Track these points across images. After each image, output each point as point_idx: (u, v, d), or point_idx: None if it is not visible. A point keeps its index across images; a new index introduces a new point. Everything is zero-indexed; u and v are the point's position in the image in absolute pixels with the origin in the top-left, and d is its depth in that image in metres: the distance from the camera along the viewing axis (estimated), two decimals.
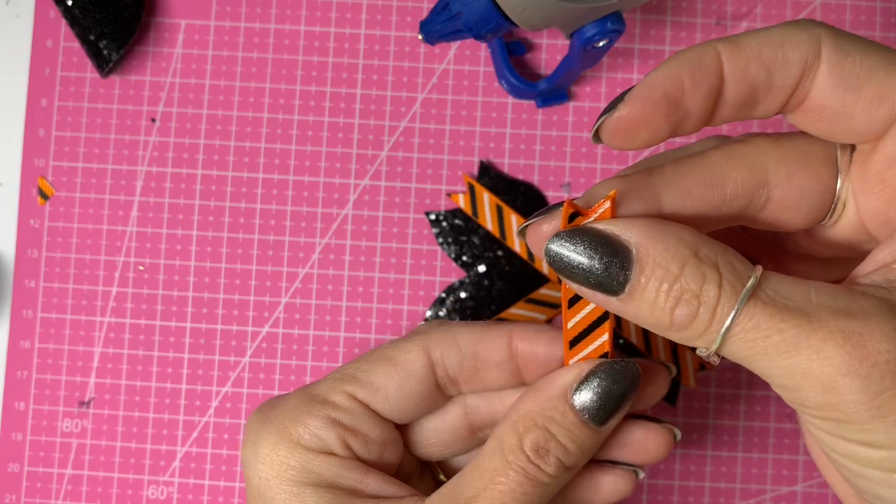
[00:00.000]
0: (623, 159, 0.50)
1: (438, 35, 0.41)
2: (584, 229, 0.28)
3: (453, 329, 0.35)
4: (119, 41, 0.49)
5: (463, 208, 0.49)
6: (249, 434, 0.35)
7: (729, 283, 0.27)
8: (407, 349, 0.35)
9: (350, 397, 0.35)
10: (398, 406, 0.35)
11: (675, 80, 0.28)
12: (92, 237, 0.50)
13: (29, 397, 0.50)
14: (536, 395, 0.32)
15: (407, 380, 0.35)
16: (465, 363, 0.35)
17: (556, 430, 0.31)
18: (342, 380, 0.35)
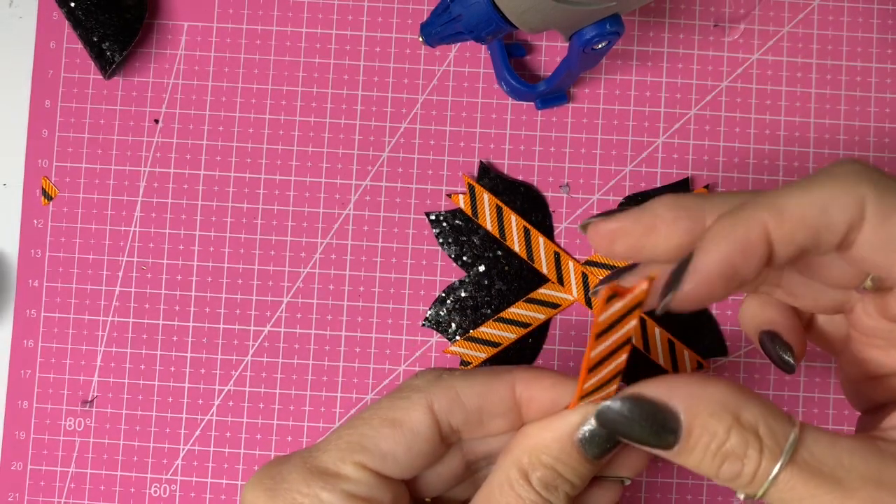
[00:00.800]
0: (622, 161, 0.50)
1: (439, 37, 0.41)
2: (635, 399, 0.30)
3: (454, 383, 0.34)
4: (122, 43, 0.49)
5: (463, 209, 0.50)
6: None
7: (769, 449, 0.29)
8: (411, 409, 0.34)
9: (360, 467, 0.33)
10: (407, 466, 0.34)
11: (728, 262, 0.29)
12: (95, 237, 0.50)
13: (32, 396, 0.50)
14: (543, 433, 0.33)
15: (414, 441, 0.34)
16: (470, 417, 0.34)
17: (563, 469, 0.32)
18: (349, 449, 0.34)
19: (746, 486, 0.29)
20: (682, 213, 0.31)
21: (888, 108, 0.50)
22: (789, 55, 0.51)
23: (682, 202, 0.31)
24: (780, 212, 0.29)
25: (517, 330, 0.49)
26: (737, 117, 0.50)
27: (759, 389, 0.49)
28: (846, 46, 0.51)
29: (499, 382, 0.34)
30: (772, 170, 0.50)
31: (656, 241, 0.31)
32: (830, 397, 0.49)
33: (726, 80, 0.51)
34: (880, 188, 0.29)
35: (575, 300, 0.49)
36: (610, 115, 0.50)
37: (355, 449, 0.34)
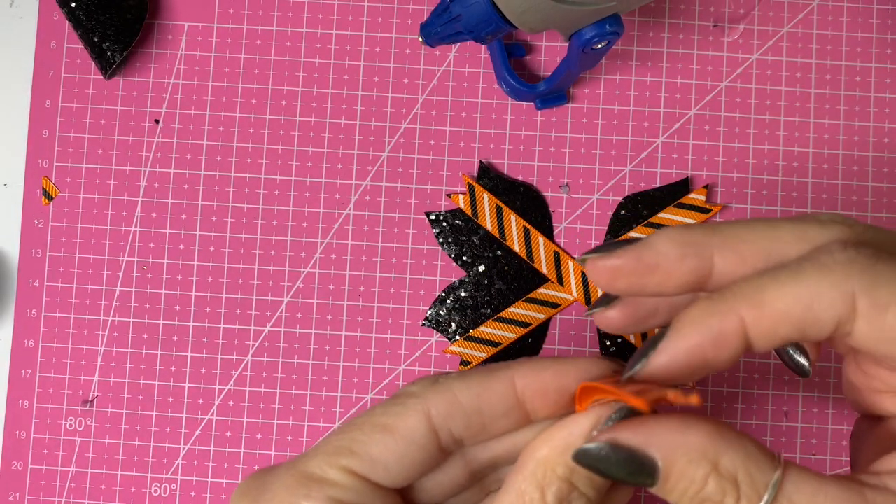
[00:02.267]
0: (622, 161, 0.50)
1: (439, 37, 0.41)
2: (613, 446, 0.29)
3: (451, 387, 0.32)
4: (122, 43, 0.49)
5: (463, 208, 0.50)
6: None
7: (746, 497, 0.28)
8: (406, 415, 0.32)
9: (348, 472, 0.32)
10: (399, 475, 0.32)
11: (696, 352, 0.28)
12: (95, 237, 0.50)
13: (33, 396, 0.50)
14: (554, 441, 0.31)
15: (408, 449, 0.32)
16: (471, 421, 0.32)
17: (578, 480, 0.31)
18: (337, 454, 0.32)
19: None
20: (689, 251, 0.30)
21: (888, 108, 0.50)
22: (789, 55, 0.51)
23: (687, 238, 0.30)
24: (759, 306, 0.28)
25: (517, 330, 0.49)
26: (736, 117, 0.50)
27: (758, 390, 0.49)
28: (846, 46, 0.51)
29: (497, 380, 0.32)
30: (771, 170, 0.50)
31: (660, 281, 0.30)
32: (830, 397, 0.49)
33: (726, 80, 0.51)
34: (872, 279, 0.27)
35: (575, 300, 0.49)
36: (610, 115, 0.50)
37: (343, 453, 0.32)
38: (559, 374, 0.32)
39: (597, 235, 0.50)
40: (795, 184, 0.50)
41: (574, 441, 0.30)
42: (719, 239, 0.30)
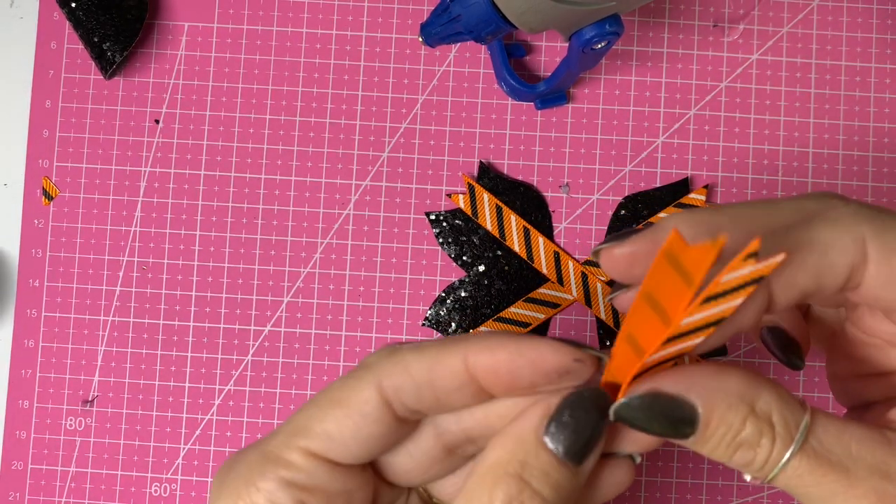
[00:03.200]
0: (622, 161, 0.50)
1: (439, 37, 0.41)
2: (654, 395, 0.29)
3: (404, 358, 0.31)
4: (122, 43, 0.49)
5: (463, 208, 0.50)
6: (210, 497, 0.32)
7: (780, 437, 0.29)
8: (359, 388, 0.31)
9: (305, 452, 0.31)
10: (358, 450, 0.31)
11: None
12: (95, 237, 0.50)
13: (33, 396, 0.50)
14: (505, 440, 0.30)
15: (363, 422, 0.31)
16: (423, 394, 0.31)
17: (531, 476, 0.29)
18: (295, 433, 0.31)
19: (757, 471, 0.29)
20: (701, 230, 0.29)
21: (887, 108, 0.50)
22: (789, 55, 0.51)
23: (699, 218, 0.30)
24: None
25: (517, 330, 0.49)
26: (736, 117, 0.50)
27: None
28: (845, 46, 0.51)
29: (449, 354, 0.30)
30: (771, 170, 0.50)
31: None
32: (830, 397, 0.49)
33: (726, 81, 0.51)
34: (879, 226, 0.29)
35: (574, 300, 0.49)
36: (609, 115, 0.50)
37: (301, 433, 0.31)
38: (513, 356, 0.30)
39: (597, 235, 0.50)
40: (795, 184, 0.50)
41: (526, 434, 0.29)
42: (726, 218, 0.30)
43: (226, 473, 0.32)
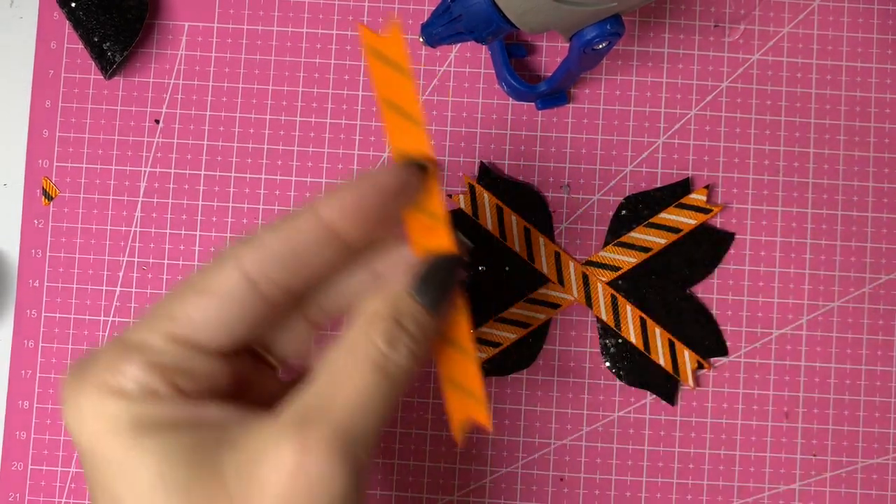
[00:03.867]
0: (622, 161, 0.50)
1: (439, 38, 0.41)
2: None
3: (260, 238, 0.32)
4: (123, 43, 0.49)
5: (463, 209, 0.50)
6: (68, 395, 0.31)
7: None
8: (221, 274, 0.32)
9: (169, 338, 0.31)
10: (225, 333, 0.32)
11: None
12: (95, 237, 0.50)
13: (33, 396, 0.50)
14: (378, 296, 0.33)
15: (228, 306, 0.32)
16: (287, 264, 0.32)
17: (404, 319, 0.32)
18: (157, 320, 0.32)
19: None
20: None
21: (888, 109, 0.50)
22: (789, 55, 0.51)
23: None
24: None
25: (517, 330, 0.49)
26: (737, 117, 0.50)
27: (759, 390, 0.49)
28: (846, 47, 0.51)
29: (301, 219, 0.32)
30: (772, 170, 0.50)
31: None
32: (831, 398, 0.49)
33: (726, 81, 0.51)
34: None
35: (575, 300, 0.49)
36: (610, 115, 0.50)
37: (163, 319, 0.32)
38: (359, 197, 0.32)
39: (597, 236, 0.50)
40: (796, 184, 0.50)
41: (397, 287, 0.33)
42: None
43: (82, 370, 0.31)
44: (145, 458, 0.30)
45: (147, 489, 0.29)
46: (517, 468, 0.49)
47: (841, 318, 0.50)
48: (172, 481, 0.29)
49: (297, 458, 0.29)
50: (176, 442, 0.30)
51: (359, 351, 0.32)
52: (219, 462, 0.30)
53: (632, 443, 0.49)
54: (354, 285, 0.35)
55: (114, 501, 0.30)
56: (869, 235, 0.50)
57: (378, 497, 0.49)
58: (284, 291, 0.32)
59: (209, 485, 0.30)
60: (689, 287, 0.50)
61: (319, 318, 0.36)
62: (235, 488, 0.30)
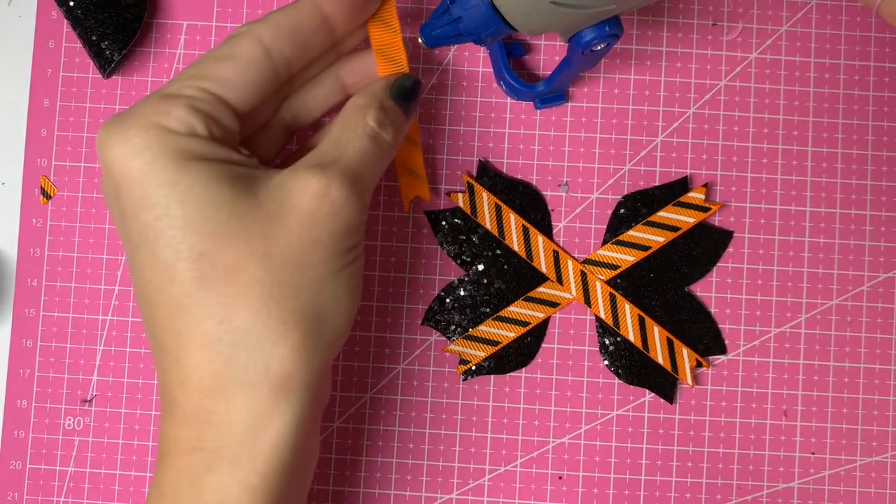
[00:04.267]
0: (621, 159, 0.50)
1: (438, 38, 0.41)
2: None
3: (272, 16, 0.40)
4: (121, 42, 0.49)
5: (462, 207, 0.50)
6: (112, 134, 0.37)
7: None
8: (242, 44, 0.39)
9: (203, 91, 0.38)
10: (245, 94, 0.39)
11: None
12: (94, 236, 0.50)
13: (31, 395, 0.50)
14: (365, 93, 0.42)
15: (249, 69, 0.39)
16: (294, 39, 0.40)
17: (387, 110, 0.41)
18: (192, 77, 0.38)
19: None
20: None
21: (886, 107, 0.50)
22: (787, 54, 0.51)
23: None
24: None
25: (516, 329, 0.49)
26: (735, 116, 0.50)
27: (757, 388, 0.49)
28: (844, 45, 0.51)
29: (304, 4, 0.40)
30: (770, 168, 0.50)
31: None
32: (829, 395, 0.49)
33: (725, 79, 0.51)
34: None
35: (574, 299, 0.49)
36: (609, 113, 0.50)
37: (197, 78, 0.38)
38: None
39: (596, 234, 0.50)
40: (794, 182, 0.50)
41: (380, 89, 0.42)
42: None
43: (124, 117, 0.37)
44: (195, 177, 0.36)
45: (199, 202, 0.36)
46: (516, 466, 0.49)
47: (839, 316, 0.50)
48: (219, 195, 0.36)
49: (323, 185, 0.37)
50: (219, 168, 0.37)
51: (357, 126, 0.40)
52: (254, 189, 0.37)
53: (630, 441, 0.49)
54: (322, 95, 0.44)
55: (162, 217, 0.36)
56: (867, 234, 0.50)
57: (377, 496, 0.49)
58: (287, 66, 0.40)
59: (249, 203, 0.37)
60: (687, 285, 0.50)
61: (292, 123, 0.44)
62: (270, 209, 0.37)
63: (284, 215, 0.37)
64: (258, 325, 0.36)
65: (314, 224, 0.37)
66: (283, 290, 0.36)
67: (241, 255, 0.36)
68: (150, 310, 0.37)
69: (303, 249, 0.37)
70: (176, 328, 0.36)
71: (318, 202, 0.37)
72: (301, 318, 0.37)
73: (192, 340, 0.36)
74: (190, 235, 0.36)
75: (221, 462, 0.36)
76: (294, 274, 0.37)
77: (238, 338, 0.36)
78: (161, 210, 0.36)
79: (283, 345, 0.36)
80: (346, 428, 0.50)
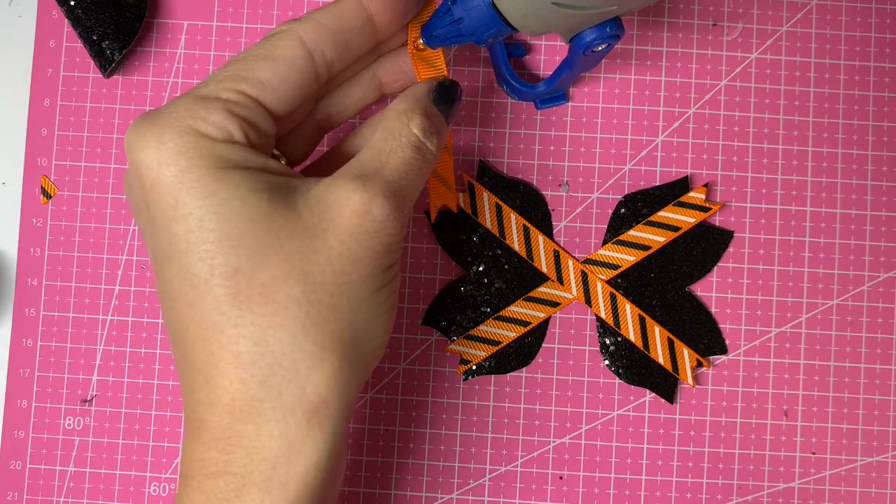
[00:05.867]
0: (621, 159, 0.50)
1: (440, 39, 0.41)
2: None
3: (314, 16, 0.38)
4: (122, 41, 0.49)
5: (463, 207, 0.50)
6: (144, 135, 0.35)
7: None
8: (283, 45, 0.37)
9: (241, 94, 0.36)
10: (284, 97, 0.37)
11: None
12: (94, 236, 0.50)
13: (31, 395, 0.50)
14: (407, 97, 0.40)
15: (290, 71, 0.37)
16: (336, 39, 0.38)
17: (432, 117, 0.40)
18: (228, 80, 0.36)
19: None
20: None
21: (886, 107, 0.50)
22: (788, 54, 0.51)
23: None
24: None
25: (517, 328, 0.49)
26: (736, 116, 0.50)
27: (758, 388, 0.49)
28: (844, 45, 0.51)
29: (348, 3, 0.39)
30: (770, 168, 0.50)
31: None
32: (830, 395, 0.49)
33: (725, 79, 0.51)
34: None
35: (574, 298, 0.49)
36: (609, 113, 0.51)
37: (234, 80, 0.36)
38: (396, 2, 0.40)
39: (596, 234, 0.50)
40: (795, 182, 0.50)
41: (422, 94, 0.41)
42: None
43: (155, 117, 0.35)
44: (232, 188, 0.34)
45: (235, 215, 0.34)
46: (516, 466, 0.49)
47: (840, 316, 0.50)
48: (256, 207, 0.35)
49: (365, 201, 0.36)
50: (257, 178, 0.35)
51: (402, 136, 0.38)
52: (292, 201, 0.36)
53: (631, 441, 0.49)
54: (358, 94, 0.43)
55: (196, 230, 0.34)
56: (868, 233, 0.50)
57: (378, 496, 0.49)
58: (328, 68, 0.39)
59: (287, 216, 0.35)
60: (688, 285, 0.50)
61: (325, 123, 0.43)
62: (309, 223, 0.35)
63: (324, 231, 0.35)
64: (295, 347, 0.35)
65: (355, 242, 0.36)
66: (322, 312, 0.35)
67: (279, 273, 0.34)
68: (178, 324, 0.36)
69: (342, 268, 0.36)
70: (208, 347, 0.35)
71: (359, 219, 0.36)
72: (339, 342, 0.35)
73: (225, 360, 0.35)
74: (225, 250, 0.34)
75: (251, 488, 0.35)
76: (333, 294, 0.35)
77: (273, 360, 0.34)
78: (195, 222, 0.34)
79: (319, 369, 0.35)
80: None
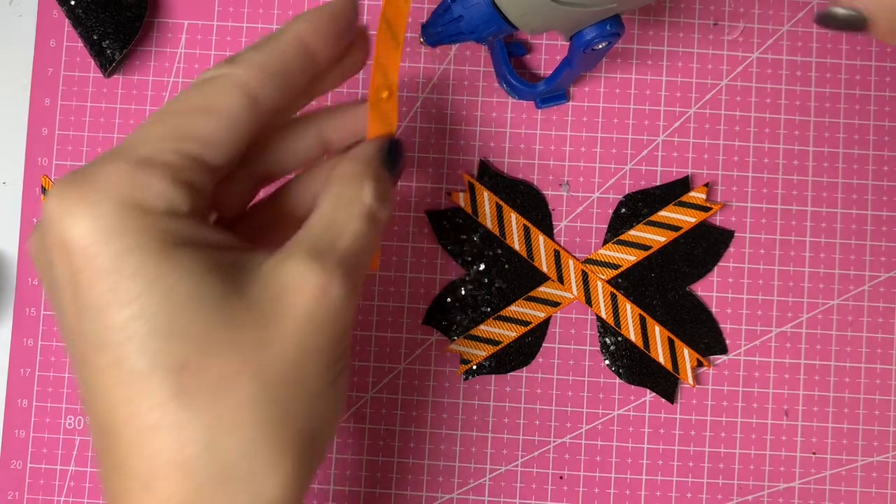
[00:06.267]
0: (622, 159, 0.50)
1: (440, 37, 0.41)
2: None
3: (252, 59, 0.34)
4: (122, 41, 0.49)
5: (463, 207, 0.50)
6: (73, 204, 0.30)
7: None
8: (223, 93, 0.33)
9: (184, 155, 0.32)
10: (226, 151, 0.33)
11: None
12: None
13: (32, 395, 0.50)
14: (357, 160, 0.37)
15: (233, 124, 0.33)
16: (280, 83, 0.34)
17: (383, 182, 0.37)
18: (167, 138, 0.32)
19: None
20: None
21: (887, 107, 0.50)
22: (789, 54, 0.51)
23: None
24: None
25: (517, 328, 0.49)
26: (736, 115, 0.50)
27: (758, 388, 0.49)
28: (845, 45, 0.51)
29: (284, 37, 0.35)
30: (771, 168, 0.50)
31: None
32: (830, 395, 0.49)
33: (726, 79, 0.51)
34: None
35: (575, 298, 0.49)
36: (610, 113, 0.50)
37: (175, 138, 0.32)
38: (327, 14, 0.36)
39: (597, 234, 0.50)
40: (795, 182, 0.50)
41: (373, 156, 0.38)
42: None
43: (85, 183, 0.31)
44: (180, 271, 0.30)
45: (184, 302, 0.30)
46: (517, 466, 0.49)
47: (840, 315, 0.50)
48: (209, 294, 0.31)
49: (322, 283, 0.32)
50: (207, 257, 0.31)
51: (353, 204, 0.35)
52: (241, 282, 0.32)
53: (631, 441, 0.49)
54: (301, 149, 0.39)
55: (137, 319, 0.30)
56: (868, 233, 0.50)
57: (378, 496, 0.49)
58: (271, 114, 0.35)
59: (239, 304, 0.31)
60: (688, 285, 0.50)
61: (264, 177, 0.39)
62: (262, 309, 0.32)
63: (278, 318, 0.32)
64: (250, 453, 0.31)
65: (312, 329, 0.32)
66: (278, 412, 0.32)
67: (231, 369, 0.31)
68: (110, 422, 0.31)
69: (298, 359, 0.32)
70: (147, 451, 0.30)
71: (316, 304, 0.32)
72: (297, 442, 0.32)
73: (170, 467, 0.30)
74: (171, 342, 0.30)
75: None
76: (289, 390, 0.32)
77: (226, 467, 0.31)
78: (137, 310, 0.30)
79: (274, 475, 0.32)
80: (346, 427, 0.50)
